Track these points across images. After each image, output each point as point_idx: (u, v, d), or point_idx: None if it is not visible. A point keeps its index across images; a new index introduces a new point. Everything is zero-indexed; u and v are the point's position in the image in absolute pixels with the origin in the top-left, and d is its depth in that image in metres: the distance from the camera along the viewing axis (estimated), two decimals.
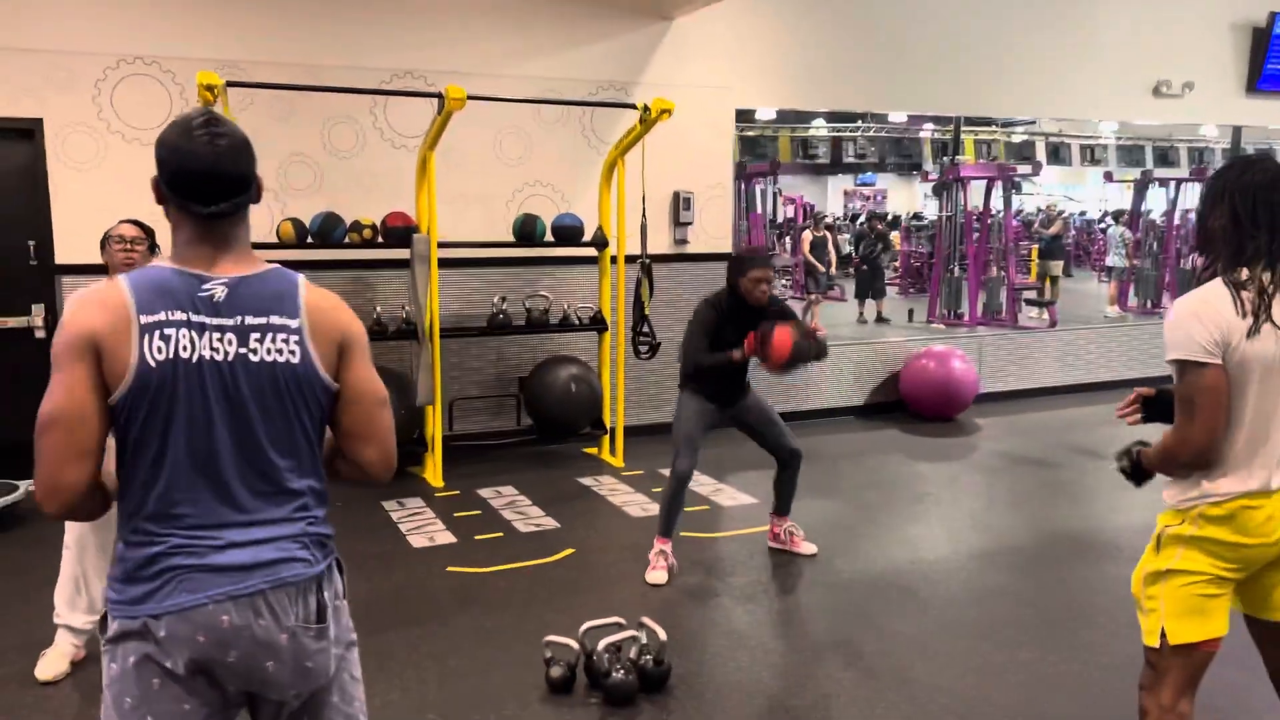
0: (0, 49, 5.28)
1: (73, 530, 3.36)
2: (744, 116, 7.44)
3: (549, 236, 6.22)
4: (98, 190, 5.55)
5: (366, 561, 4.55)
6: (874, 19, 7.50)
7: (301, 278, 1.71)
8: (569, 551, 4.68)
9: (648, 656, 3.27)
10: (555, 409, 6.23)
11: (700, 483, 5.78)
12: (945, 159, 10.93)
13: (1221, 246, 2.13)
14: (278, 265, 1.71)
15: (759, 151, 12.19)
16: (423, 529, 5.02)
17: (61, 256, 5.55)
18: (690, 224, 7.05)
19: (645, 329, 5.99)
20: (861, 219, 16.20)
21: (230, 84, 4.99)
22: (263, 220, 5.79)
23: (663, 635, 3.29)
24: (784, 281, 12.26)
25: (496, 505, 5.43)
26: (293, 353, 1.63)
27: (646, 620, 3.37)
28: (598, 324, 6.40)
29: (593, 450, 6.56)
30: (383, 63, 6.07)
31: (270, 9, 5.82)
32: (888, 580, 4.32)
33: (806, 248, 11.35)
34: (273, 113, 5.90)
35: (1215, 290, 2.10)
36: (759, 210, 12.26)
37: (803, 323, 4.27)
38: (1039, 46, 8.10)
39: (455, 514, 5.28)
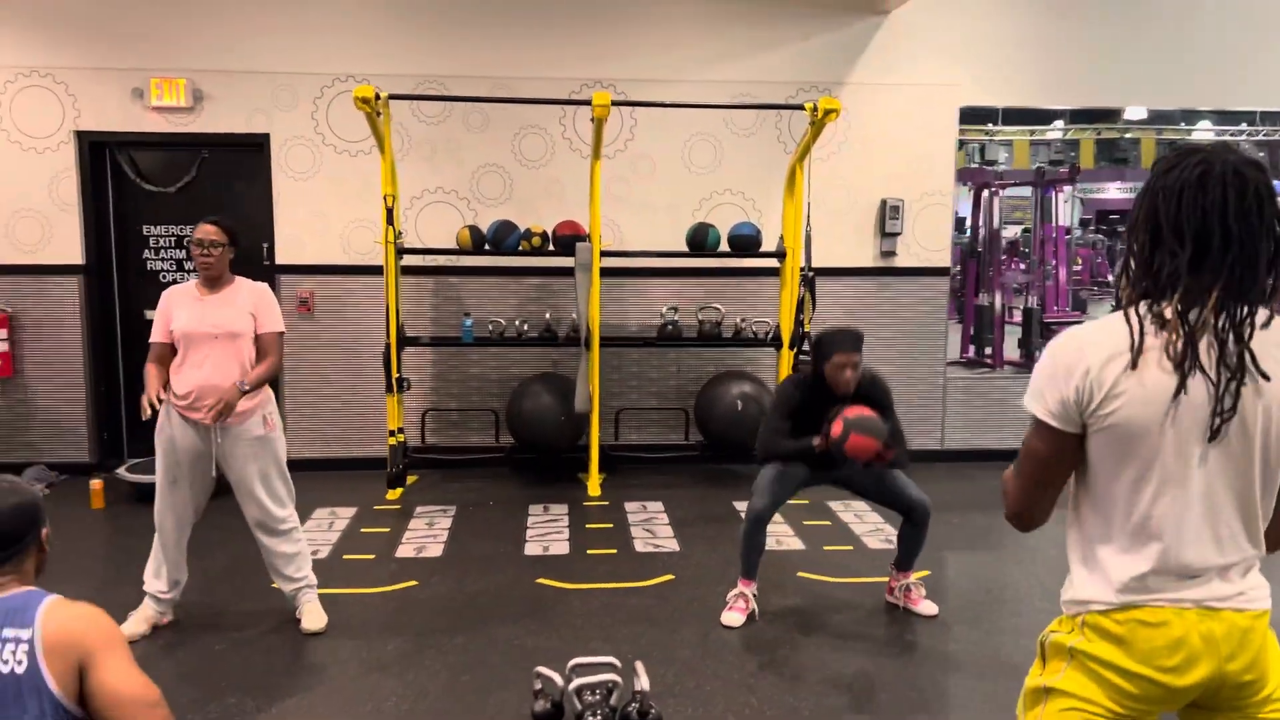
0: (237, 73, 5.99)
1: (156, 515, 3.70)
2: (1035, 118, 6.56)
3: (724, 246, 5.97)
4: (313, 198, 6.12)
5: (472, 563, 4.61)
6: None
7: (52, 597, 1.74)
8: (666, 578, 4.42)
9: (634, 705, 2.99)
10: (723, 427, 5.96)
11: (858, 519, 5.26)
12: None
13: (1135, 265, 1.53)
14: (30, 589, 1.76)
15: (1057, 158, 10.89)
16: (545, 538, 4.99)
17: (281, 257, 6.19)
18: (898, 234, 6.44)
19: (806, 349, 5.54)
20: None
21: (392, 97, 5.29)
22: (449, 227, 6.09)
23: (644, 684, 2.98)
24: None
25: (632, 520, 5.28)
26: (20, 662, 1.65)
27: (638, 665, 3.08)
28: (776, 340, 6.03)
29: None
30: (573, 73, 6.14)
31: (467, 27, 6.10)
32: (1011, 664, 3.60)
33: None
34: (468, 124, 6.18)
35: (1103, 329, 1.53)
36: (1055, 221, 11.00)
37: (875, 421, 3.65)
38: None
39: (587, 525, 5.21)
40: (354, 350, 6.25)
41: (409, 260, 6.07)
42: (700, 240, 5.91)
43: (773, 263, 6.11)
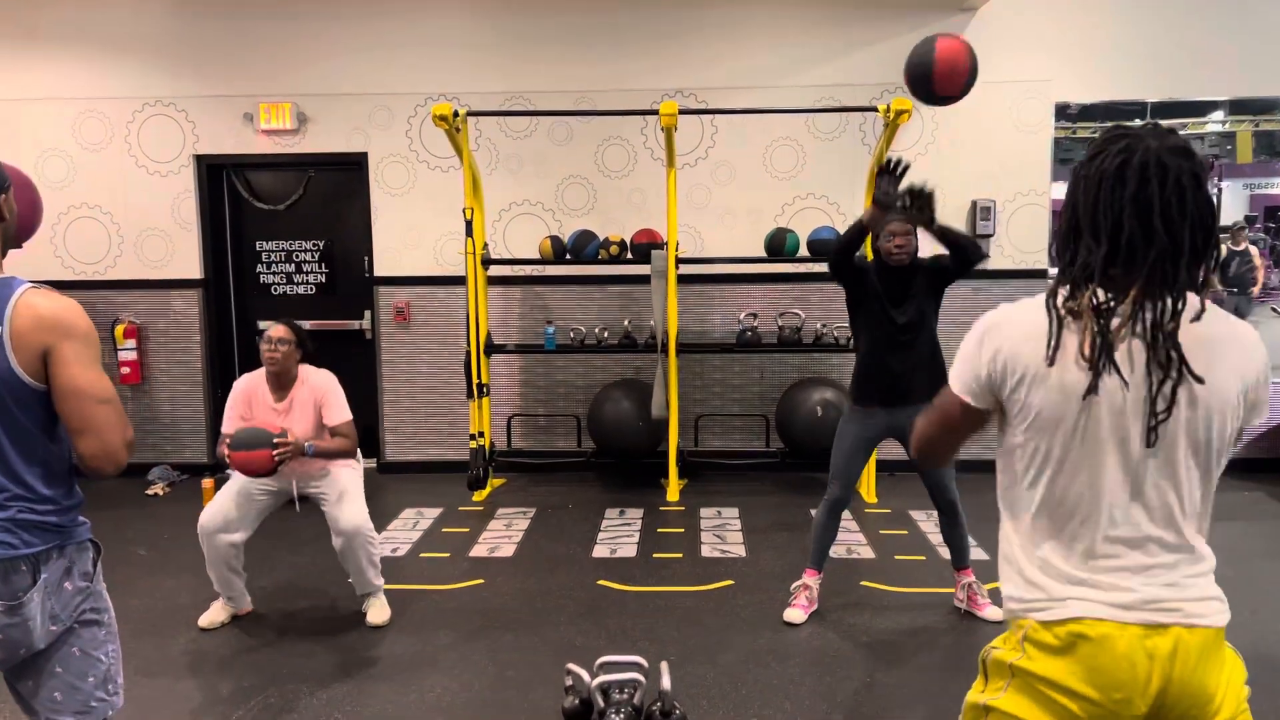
0: (338, 95, 6.33)
1: (203, 521, 3.95)
2: (1190, 110, 6.24)
3: (804, 251, 5.93)
4: (407, 213, 6.41)
5: (540, 563, 4.74)
6: None
7: (25, 285, 1.88)
8: (725, 584, 4.43)
9: (657, 704, 3.03)
10: (803, 434, 5.91)
11: (938, 529, 5.13)
12: None
13: (1058, 253, 1.50)
14: (10, 277, 1.90)
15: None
16: (614, 540, 5.08)
17: (380, 270, 6.50)
18: (990, 235, 6.25)
19: None
20: None
21: (470, 114, 5.49)
22: (535, 237, 6.27)
23: (666, 684, 3.02)
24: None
25: (705, 526, 5.31)
26: None
27: (662, 665, 3.11)
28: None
29: None
30: (653, 84, 6.23)
31: (552, 44, 6.26)
32: None
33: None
34: (553, 138, 6.35)
35: (1025, 311, 1.50)
36: None
37: None
38: None
39: (658, 529, 5.27)
40: (447, 357, 6.51)
41: (496, 270, 6.28)
42: (778, 246, 5.89)
43: None
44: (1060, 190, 6.38)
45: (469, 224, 5.58)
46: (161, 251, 6.47)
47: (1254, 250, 8.96)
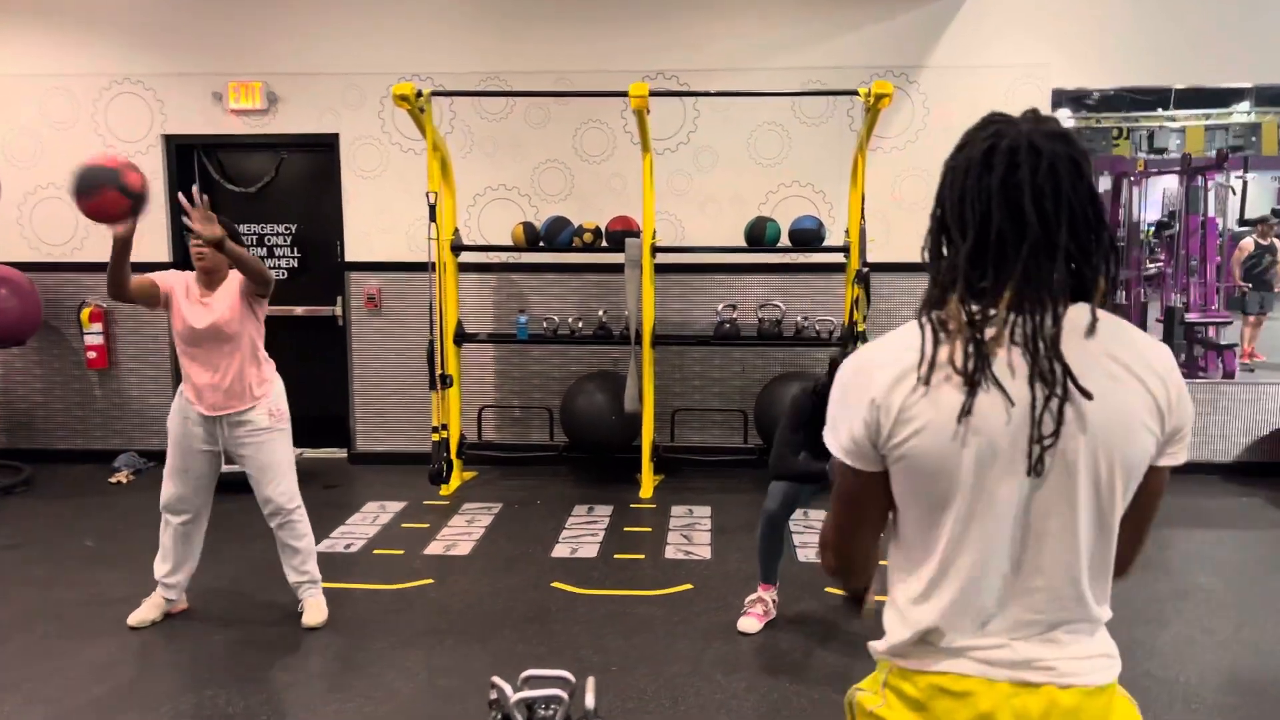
0: (309, 74, 6.14)
1: (162, 501, 3.80)
2: (1214, 100, 5.92)
3: (785, 241, 5.71)
4: (379, 196, 6.22)
5: (495, 563, 4.56)
6: None
7: None
8: (684, 588, 4.24)
9: None
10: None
11: None
12: None
13: (932, 258, 1.28)
14: None
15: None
16: (577, 539, 4.89)
17: (350, 255, 6.31)
18: None
19: (855, 349, 5.21)
20: None
21: (434, 94, 5.30)
22: (506, 223, 6.07)
23: (590, 701, 2.82)
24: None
25: (674, 525, 5.12)
26: None
27: (589, 682, 2.92)
28: (840, 339, 5.72)
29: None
30: (634, 65, 6.00)
31: (530, 23, 6.04)
32: None
33: (1241, 256, 9.06)
34: (529, 120, 6.14)
35: (892, 344, 1.28)
36: (1201, 213, 10.06)
37: None
38: None
39: (625, 528, 5.07)
40: (419, 346, 6.30)
41: (470, 257, 6.08)
42: (758, 235, 5.67)
43: (839, 258, 5.79)
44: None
45: (432, 209, 5.38)
46: None
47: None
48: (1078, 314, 1.21)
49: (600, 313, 5.98)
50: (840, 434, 1.30)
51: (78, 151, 6.24)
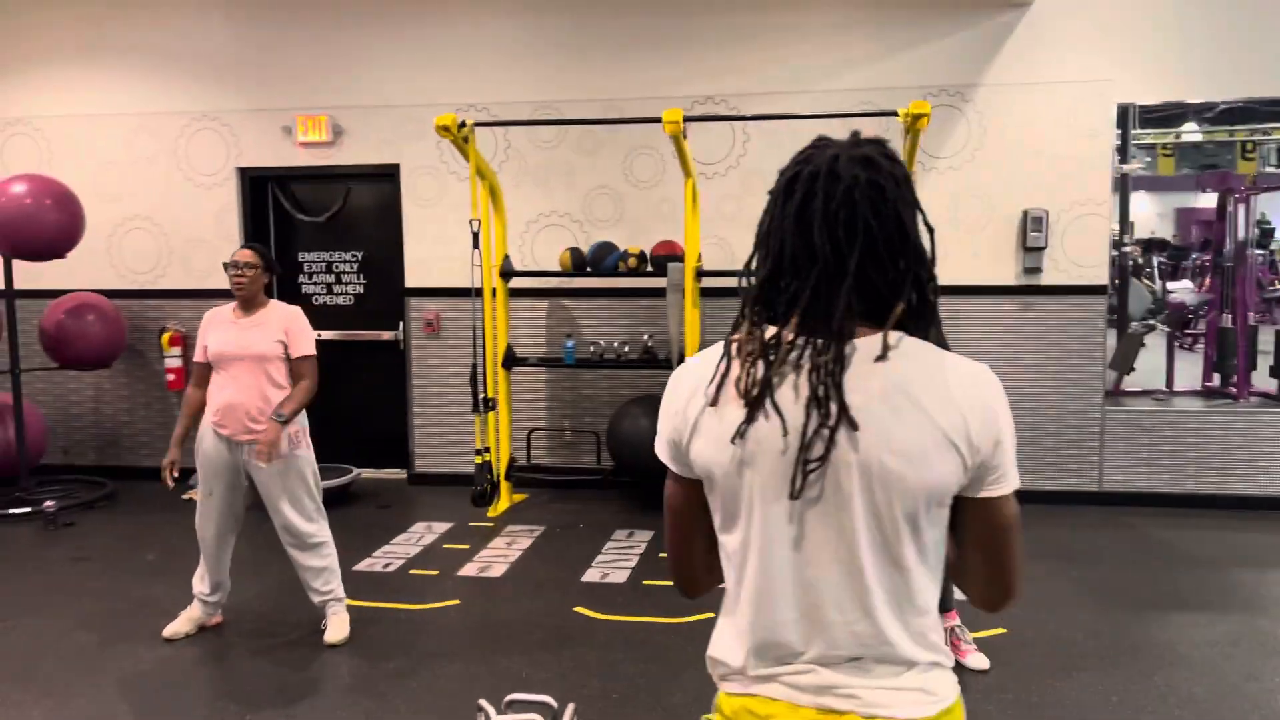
0: (370, 107, 6.37)
1: (197, 524, 3.97)
2: (1273, 116, 5.61)
3: None
4: (438, 223, 6.39)
5: (524, 585, 4.59)
6: None
7: None
8: (707, 615, 4.19)
9: None
10: None
11: None
12: None
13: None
14: None
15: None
16: (611, 563, 4.90)
17: (410, 281, 6.50)
18: (1042, 249, 5.79)
19: None
20: None
21: (478, 124, 5.42)
22: (558, 249, 6.15)
23: None
24: None
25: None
26: None
27: (569, 709, 2.92)
28: None
29: None
30: (685, 91, 6.03)
31: (582, 53, 6.14)
32: None
33: None
34: (581, 147, 6.23)
35: (705, 357, 1.31)
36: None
37: None
38: None
39: (661, 554, 5.05)
40: None
41: (521, 283, 6.18)
42: None
43: None
44: (1130, 202, 5.86)
45: (476, 235, 5.50)
46: (206, 263, 6.63)
47: None
48: (873, 342, 1.18)
49: (646, 337, 6.00)
50: (661, 439, 1.35)
51: (161, 185, 6.63)
